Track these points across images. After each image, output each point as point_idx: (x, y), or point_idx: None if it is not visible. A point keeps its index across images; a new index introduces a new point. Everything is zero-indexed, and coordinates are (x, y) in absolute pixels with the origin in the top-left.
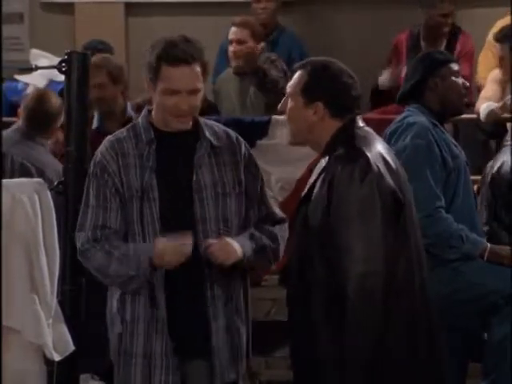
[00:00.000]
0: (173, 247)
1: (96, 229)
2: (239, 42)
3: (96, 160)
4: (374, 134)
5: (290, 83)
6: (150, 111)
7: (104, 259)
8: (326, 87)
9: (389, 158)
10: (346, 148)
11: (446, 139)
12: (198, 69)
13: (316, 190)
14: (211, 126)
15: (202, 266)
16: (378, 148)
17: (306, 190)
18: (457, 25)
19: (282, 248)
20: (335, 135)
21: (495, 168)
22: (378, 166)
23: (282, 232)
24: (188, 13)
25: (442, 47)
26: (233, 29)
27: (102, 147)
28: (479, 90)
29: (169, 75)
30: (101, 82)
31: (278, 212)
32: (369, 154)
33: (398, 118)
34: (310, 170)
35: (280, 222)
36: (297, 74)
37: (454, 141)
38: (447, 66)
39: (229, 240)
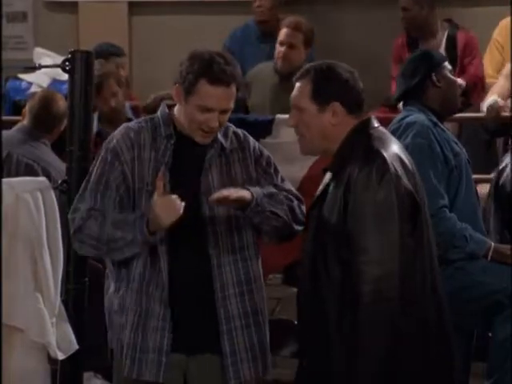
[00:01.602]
0: (165, 201)
1: (90, 210)
2: (291, 45)
3: (110, 146)
4: (388, 134)
5: (294, 95)
6: (169, 107)
7: (98, 226)
8: (336, 86)
9: (405, 159)
10: (362, 149)
11: (446, 137)
12: (234, 89)
13: (331, 191)
14: (223, 128)
15: (209, 262)
16: (394, 148)
17: (319, 191)
18: (454, 21)
19: (299, 212)
20: (350, 136)
21: (499, 176)
22: (395, 167)
23: (301, 205)
24: (191, 12)
25: (443, 43)
26: (285, 30)
27: (118, 133)
28: (483, 88)
29: (206, 93)
30: (115, 90)
31: (297, 194)
32: (385, 155)
33: (397, 117)
34: (323, 170)
35: (293, 196)
36: (298, 85)
37: (454, 138)
38: (444, 64)
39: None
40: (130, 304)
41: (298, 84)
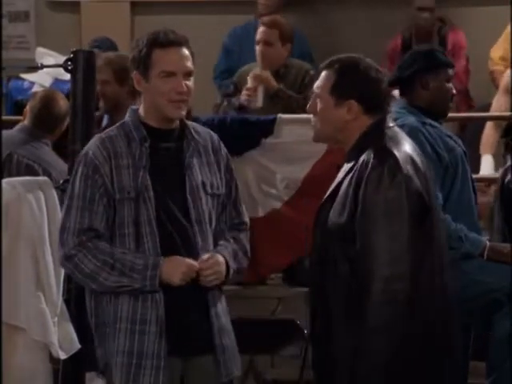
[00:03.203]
0: (185, 265)
1: (81, 232)
2: (267, 43)
3: (87, 159)
4: (402, 133)
5: (317, 84)
6: (135, 110)
7: (97, 267)
8: (356, 84)
9: (417, 159)
10: (375, 148)
11: (438, 133)
12: (187, 51)
13: (342, 189)
14: (194, 126)
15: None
16: (407, 149)
17: (331, 188)
18: (446, 21)
19: (246, 261)
20: (364, 134)
21: (504, 175)
22: (406, 168)
23: (247, 242)
24: (193, 11)
25: (436, 45)
26: (261, 28)
27: (92, 145)
28: (492, 76)
29: (162, 57)
30: (105, 78)
31: (247, 220)
32: (398, 155)
33: None
34: (337, 167)
35: (245, 230)
36: (323, 74)
37: (448, 132)
38: (445, 69)
39: (220, 260)
40: (123, 312)
41: (323, 73)
